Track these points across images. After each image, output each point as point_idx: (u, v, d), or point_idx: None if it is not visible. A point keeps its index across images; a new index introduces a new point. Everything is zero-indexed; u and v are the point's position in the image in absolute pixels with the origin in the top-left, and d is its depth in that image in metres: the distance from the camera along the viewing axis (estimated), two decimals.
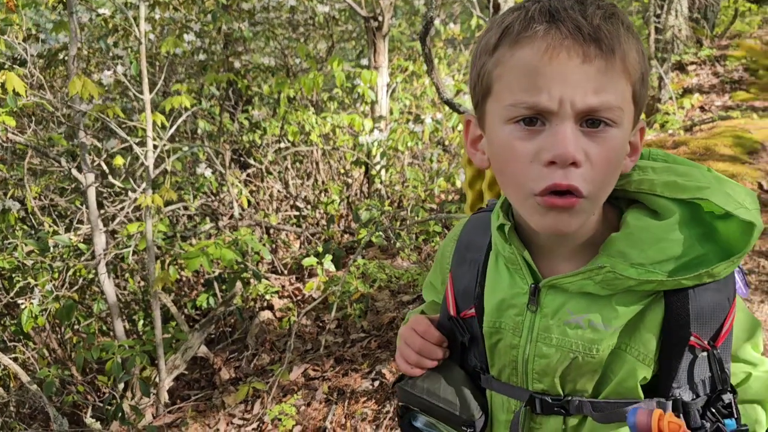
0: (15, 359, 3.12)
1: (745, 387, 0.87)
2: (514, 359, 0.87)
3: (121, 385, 3.24)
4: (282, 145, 4.82)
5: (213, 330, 3.87)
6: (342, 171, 5.10)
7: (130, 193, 3.28)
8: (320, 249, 3.85)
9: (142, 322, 3.95)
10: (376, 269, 3.41)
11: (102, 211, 3.40)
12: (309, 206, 4.93)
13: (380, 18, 4.41)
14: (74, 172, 2.88)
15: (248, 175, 4.95)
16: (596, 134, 0.73)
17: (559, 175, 0.73)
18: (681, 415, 0.81)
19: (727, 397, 0.81)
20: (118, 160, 3.02)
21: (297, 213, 4.93)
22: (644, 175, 0.82)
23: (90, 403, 3.30)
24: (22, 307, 2.86)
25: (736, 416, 0.81)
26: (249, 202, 4.49)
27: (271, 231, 4.64)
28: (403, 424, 0.98)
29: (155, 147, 2.95)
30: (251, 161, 4.87)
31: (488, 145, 0.83)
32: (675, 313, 0.79)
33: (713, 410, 0.81)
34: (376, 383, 3.00)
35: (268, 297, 3.84)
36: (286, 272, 4.34)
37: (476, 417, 0.90)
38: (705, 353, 0.80)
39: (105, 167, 3.36)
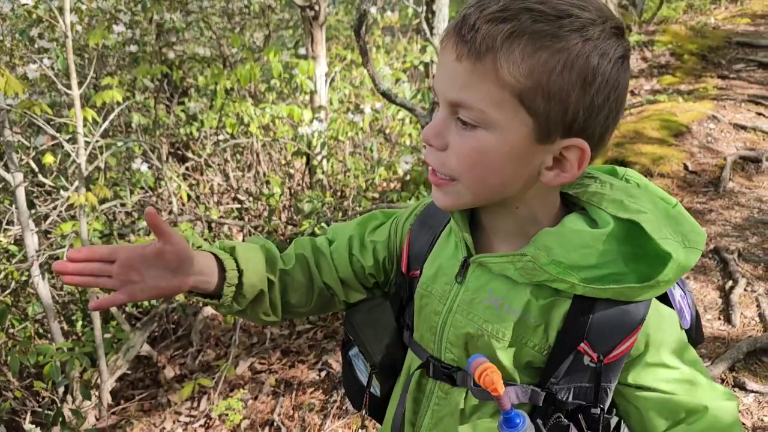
0: None
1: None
2: (434, 325, 0.92)
3: (61, 389, 3.15)
4: (221, 137, 4.74)
5: (156, 328, 3.81)
6: (283, 162, 5.06)
7: (62, 191, 3.18)
8: None
9: (81, 323, 3.85)
10: None
11: (33, 211, 3.28)
12: (251, 198, 4.87)
13: (317, 7, 4.38)
14: (1, 171, 2.77)
15: (187, 169, 4.85)
16: (465, 131, 0.78)
17: (425, 152, 0.84)
18: (551, 407, 0.85)
19: (596, 412, 0.84)
20: (48, 158, 2.92)
21: (239, 206, 4.87)
22: (601, 189, 0.84)
23: (29, 408, 3.20)
24: None
25: None
26: (189, 196, 4.40)
27: (213, 225, 4.57)
28: (343, 351, 1.12)
29: (87, 143, 2.87)
30: (189, 154, 4.78)
31: None
32: (575, 316, 0.82)
33: (580, 418, 0.85)
34: (323, 374, 3.02)
35: None
36: None
37: (378, 362, 1.02)
38: (593, 364, 0.83)
39: (34, 165, 3.24)
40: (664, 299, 0.87)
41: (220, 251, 0.96)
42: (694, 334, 0.96)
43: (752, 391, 2.36)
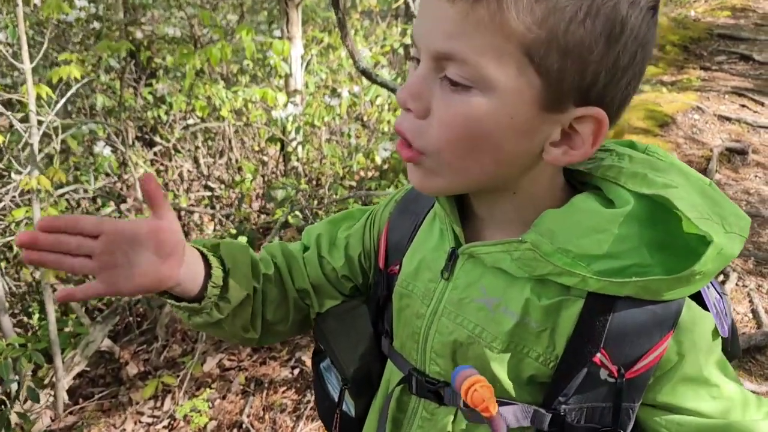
0: None
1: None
2: (416, 331, 0.76)
3: (14, 386, 2.94)
4: (190, 121, 4.52)
5: (118, 322, 3.60)
6: (257, 148, 4.86)
7: (13, 174, 2.95)
8: (233, 231, 3.63)
9: (38, 315, 3.63)
10: None
11: None
12: (222, 186, 4.68)
13: None
14: None
15: (155, 154, 4.63)
16: (455, 93, 0.60)
17: (399, 118, 0.66)
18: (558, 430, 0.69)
19: None
20: None
21: (210, 193, 4.67)
22: (619, 162, 0.68)
23: None
24: None
25: None
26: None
27: (182, 213, 4.37)
28: (314, 362, 0.96)
29: (40, 123, 2.64)
30: (157, 139, 4.55)
31: None
32: (589, 320, 0.65)
33: None
34: (296, 371, 2.85)
35: None
36: None
37: (351, 376, 0.84)
38: (612, 379, 0.66)
39: None
40: (697, 301, 0.70)
41: (203, 248, 0.81)
42: (730, 346, 0.77)
43: None
